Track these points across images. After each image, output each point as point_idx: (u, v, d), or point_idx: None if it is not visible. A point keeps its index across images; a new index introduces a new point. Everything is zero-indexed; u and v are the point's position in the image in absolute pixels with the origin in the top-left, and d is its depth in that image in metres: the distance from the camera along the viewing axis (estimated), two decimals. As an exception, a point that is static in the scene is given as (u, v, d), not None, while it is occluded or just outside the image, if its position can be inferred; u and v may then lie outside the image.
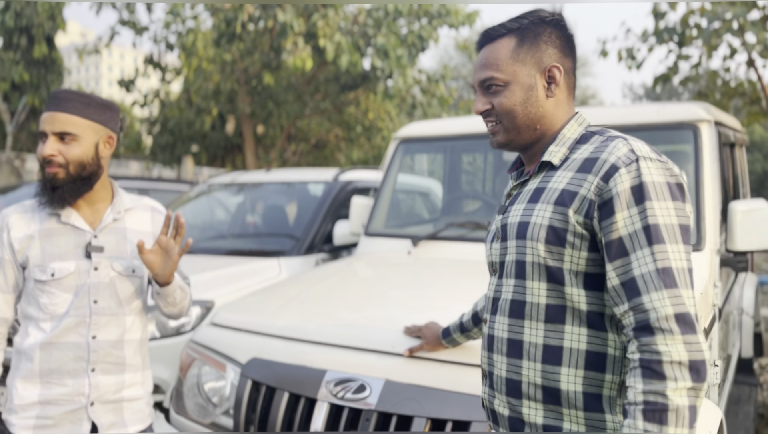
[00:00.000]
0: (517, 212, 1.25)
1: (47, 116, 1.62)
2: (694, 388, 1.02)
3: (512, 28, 1.26)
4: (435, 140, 3.39)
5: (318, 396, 1.84)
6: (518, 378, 1.22)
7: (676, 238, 1.09)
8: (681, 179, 1.15)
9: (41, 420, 1.62)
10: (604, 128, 1.26)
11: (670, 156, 2.92)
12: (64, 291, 1.63)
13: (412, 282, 2.46)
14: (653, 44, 7.06)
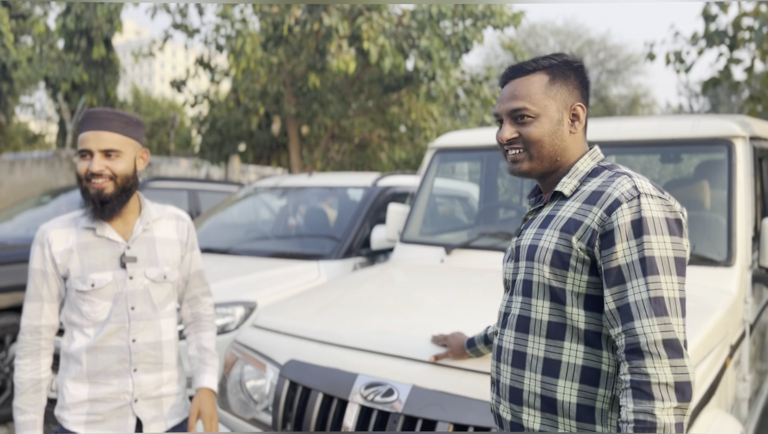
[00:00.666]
0: (529, 236, 1.37)
1: (91, 134, 1.72)
2: (680, 407, 1.12)
3: (545, 65, 1.37)
4: (470, 150, 3.48)
5: (349, 398, 1.97)
6: (520, 386, 1.34)
7: (671, 270, 1.18)
8: (680, 215, 1.24)
9: (91, 416, 1.77)
10: (614, 164, 1.37)
11: (703, 169, 2.94)
12: (104, 300, 1.77)
13: (444, 290, 2.57)
14: (703, 47, 6.92)
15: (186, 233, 1.95)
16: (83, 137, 1.74)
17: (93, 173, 1.72)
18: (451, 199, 4.55)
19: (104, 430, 1.77)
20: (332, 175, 4.92)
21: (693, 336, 1.99)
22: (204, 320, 2.04)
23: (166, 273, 1.86)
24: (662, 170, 3.38)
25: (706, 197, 2.87)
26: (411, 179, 4.75)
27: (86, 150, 1.73)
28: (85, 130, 1.74)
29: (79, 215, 1.84)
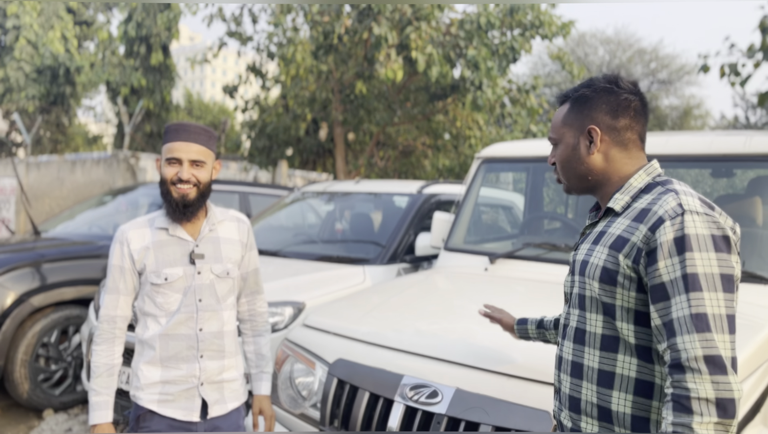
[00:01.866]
0: (583, 251, 1.44)
1: (182, 145, 1.92)
2: (721, 423, 1.14)
3: (570, 95, 1.47)
4: (517, 161, 3.52)
5: (395, 398, 2.06)
6: (578, 396, 1.40)
7: (716, 286, 1.20)
8: (728, 232, 1.26)
9: (163, 396, 1.97)
10: (669, 179, 1.39)
11: (756, 185, 2.91)
12: (175, 292, 1.97)
13: (486, 298, 2.63)
14: (760, 60, 6.75)
15: (246, 234, 2.14)
16: (173, 147, 1.93)
17: (181, 180, 1.92)
18: (495, 208, 4.59)
19: (174, 409, 1.97)
20: (378, 182, 5.03)
21: (739, 352, 2.00)
22: (259, 321, 2.23)
23: (229, 270, 2.05)
24: (714, 184, 3.35)
25: (758, 214, 2.84)
26: (456, 188, 4.81)
27: (176, 158, 1.93)
28: (175, 140, 1.94)
29: (154, 217, 2.03)
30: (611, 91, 1.42)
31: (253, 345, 2.23)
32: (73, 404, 4.55)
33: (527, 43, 9.35)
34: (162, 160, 1.98)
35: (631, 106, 1.42)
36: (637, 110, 1.42)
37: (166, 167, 1.96)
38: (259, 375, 2.20)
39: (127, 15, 13.36)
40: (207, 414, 2.01)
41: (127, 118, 14.38)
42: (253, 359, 2.22)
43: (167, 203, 1.97)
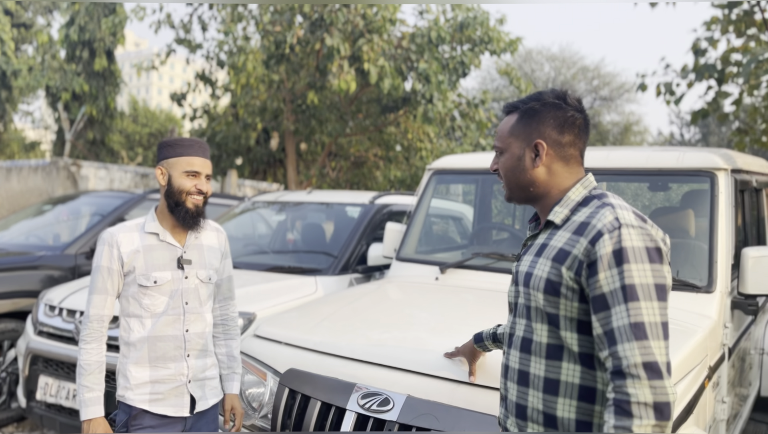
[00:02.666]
0: (527, 263, 1.49)
1: (201, 161, 2.08)
2: (658, 425, 1.21)
3: (518, 106, 1.52)
4: (466, 173, 3.61)
5: (347, 406, 2.07)
6: (525, 403, 1.45)
7: (651, 296, 1.27)
8: (660, 243, 1.34)
9: (154, 395, 2.06)
10: (604, 192, 1.46)
11: (688, 199, 3.08)
12: (163, 295, 2.07)
13: (438, 307, 2.68)
14: (692, 80, 7.13)
15: (224, 243, 2.27)
16: (193, 161, 2.07)
17: (201, 191, 2.08)
18: (446, 219, 4.68)
19: (165, 406, 2.06)
20: (330, 192, 5.04)
21: (673, 357, 2.11)
22: (231, 326, 2.33)
23: (211, 275, 2.19)
24: (652, 198, 3.52)
25: (690, 225, 3.01)
26: (407, 199, 4.88)
27: (196, 171, 2.07)
28: (193, 155, 2.08)
29: (142, 222, 2.12)
30: (559, 107, 1.48)
31: (225, 347, 2.31)
32: (7, 422, 4.34)
33: (476, 58, 9.59)
34: (175, 171, 2.06)
35: (576, 123, 1.48)
36: (581, 127, 1.49)
37: (184, 178, 2.06)
38: (230, 375, 2.28)
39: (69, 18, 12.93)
40: (194, 409, 2.11)
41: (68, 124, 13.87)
42: (225, 361, 2.29)
43: (179, 212, 2.07)
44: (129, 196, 5.37)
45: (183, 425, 2.10)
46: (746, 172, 3.20)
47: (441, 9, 9.77)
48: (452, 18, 9.41)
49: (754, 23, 6.74)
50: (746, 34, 7.06)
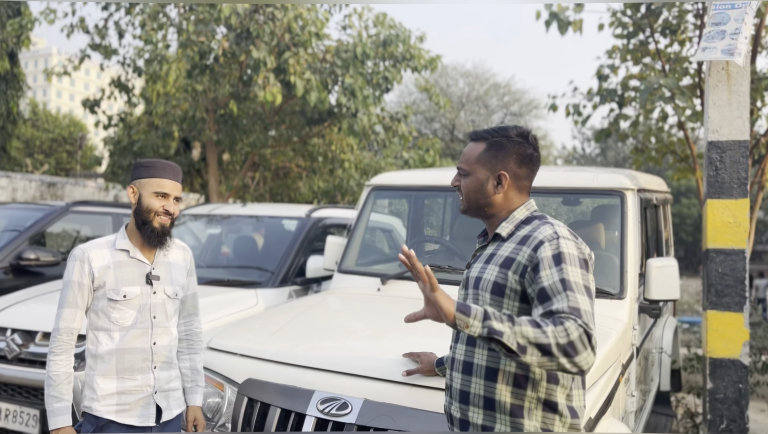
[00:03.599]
0: (477, 269, 1.75)
1: (170, 183, 2.17)
2: (586, 334, 1.45)
3: (487, 137, 1.77)
4: (403, 189, 3.83)
5: (307, 412, 2.20)
6: (468, 390, 1.69)
7: (582, 291, 1.54)
8: (587, 256, 1.63)
9: (121, 406, 2.13)
10: (544, 214, 1.75)
11: (598, 214, 3.45)
12: (131, 309, 2.15)
13: (384, 316, 2.86)
14: (597, 102, 7.77)
15: (189, 262, 2.36)
16: (164, 183, 2.17)
17: (168, 212, 2.17)
18: (379, 232, 4.88)
19: (132, 417, 2.13)
20: (265, 205, 5.11)
21: (594, 355, 2.40)
22: (195, 341, 2.41)
23: (177, 292, 2.26)
24: (569, 212, 3.89)
25: (601, 238, 3.37)
26: (342, 212, 5.04)
27: (165, 193, 2.17)
28: (164, 177, 2.17)
29: (113, 239, 2.19)
30: (522, 144, 1.76)
31: (189, 361, 2.39)
32: None
33: (399, 74, 9.93)
34: (146, 191, 2.16)
35: (533, 160, 1.77)
36: (535, 163, 1.79)
37: (153, 198, 2.16)
38: (194, 388, 2.37)
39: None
40: (160, 419, 2.19)
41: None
42: (189, 374, 2.37)
43: (146, 230, 2.16)
44: (50, 208, 5.18)
45: None
46: (648, 191, 3.62)
47: (363, 25, 10.05)
48: (375, 34, 9.70)
49: (648, 53, 7.45)
50: (642, 62, 7.78)
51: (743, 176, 3.10)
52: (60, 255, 4.88)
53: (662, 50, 7.06)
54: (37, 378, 3.21)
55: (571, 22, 7.01)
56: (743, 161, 3.11)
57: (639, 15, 7.23)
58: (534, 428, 1.61)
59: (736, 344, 3.05)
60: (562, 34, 7.19)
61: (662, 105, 7.31)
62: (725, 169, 3.12)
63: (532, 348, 1.43)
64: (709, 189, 3.20)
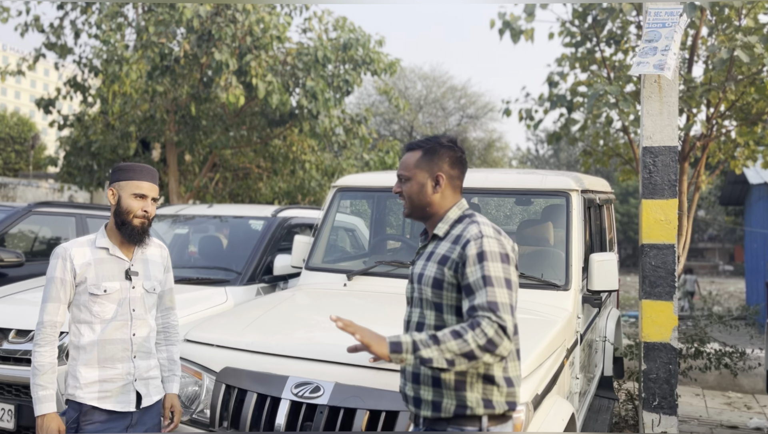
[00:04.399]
0: (419, 266, 2.00)
1: (148, 185, 2.33)
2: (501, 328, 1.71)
3: (422, 145, 2.01)
4: (367, 190, 4.05)
5: (282, 395, 2.40)
6: (418, 371, 1.93)
7: (501, 284, 1.79)
8: (509, 251, 1.87)
9: (102, 393, 2.28)
10: (473, 213, 1.98)
11: (547, 213, 3.75)
12: (111, 302, 2.31)
13: (351, 308, 3.08)
14: (548, 108, 8.16)
15: (166, 259, 2.52)
16: (142, 185, 2.32)
17: (146, 212, 2.32)
18: (342, 231, 5.08)
19: (113, 403, 2.28)
20: (231, 206, 5.25)
21: (540, 341, 2.68)
22: (172, 333, 2.56)
23: (155, 286, 2.42)
24: (523, 211, 4.19)
25: (550, 235, 3.67)
26: (307, 212, 5.22)
27: (143, 194, 2.33)
28: (141, 179, 2.33)
29: (93, 238, 2.34)
30: (452, 149, 2.02)
31: (166, 352, 2.55)
32: None
33: (358, 77, 10.15)
34: (125, 193, 2.32)
35: (462, 161, 2.03)
36: (464, 164, 2.04)
37: (132, 199, 2.31)
38: (171, 377, 2.52)
39: None
40: (140, 404, 2.35)
41: None
42: (166, 364, 2.53)
43: (125, 229, 2.32)
44: (13, 209, 5.19)
45: (130, 419, 2.32)
46: (592, 191, 3.95)
47: (323, 28, 10.23)
48: (335, 38, 9.88)
49: (595, 61, 7.87)
50: (589, 69, 8.21)
51: (673, 178, 3.44)
52: (23, 256, 4.90)
53: (607, 58, 7.48)
54: (11, 374, 3.30)
55: (523, 30, 7.35)
56: (673, 164, 3.45)
57: (586, 25, 7.64)
58: (475, 399, 1.84)
59: (666, 329, 3.39)
60: (514, 43, 7.54)
61: (608, 111, 7.74)
62: (657, 172, 3.45)
63: (459, 358, 1.71)
64: (644, 190, 3.53)
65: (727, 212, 20.69)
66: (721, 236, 35.59)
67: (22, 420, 3.26)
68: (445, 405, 1.86)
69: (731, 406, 5.74)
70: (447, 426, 1.87)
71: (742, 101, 6.65)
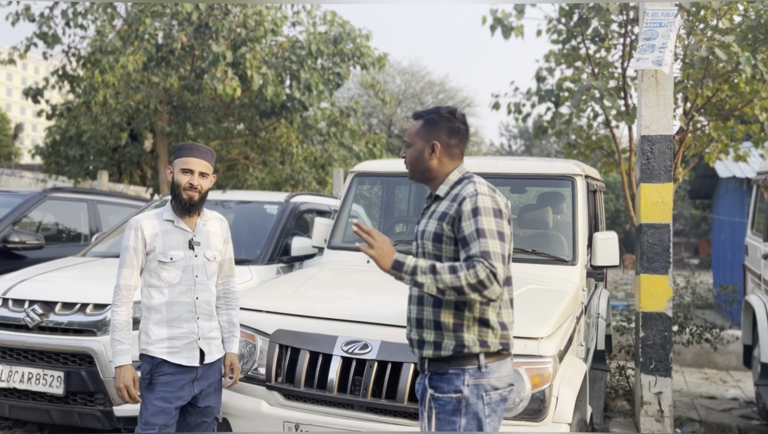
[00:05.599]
0: (423, 224, 2.21)
1: (195, 161, 2.56)
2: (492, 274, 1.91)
3: (424, 115, 2.24)
4: (382, 176, 4.32)
5: (333, 352, 2.66)
6: (421, 317, 2.13)
7: (494, 236, 1.99)
8: (502, 207, 2.07)
9: (171, 349, 2.55)
10: (472, 175, 2.19)
11: (553, 198, 4.07)
12: (177, 269, 2.57)
13: (379, 279, 3.33)
14: (535, 102, 8.50)
15: (226, 230, 2.76)
16: (188, 160, 2.56)
17: (192, 186, 2.54)
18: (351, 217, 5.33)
19: (180, 358, 2.55)
20: (243, 192, 5.46)
21: (558, 305, 2.99)
22: (232, 298, 2.80)
23: (215, 255, 2.66)
24: (531, 195, 4.51)
25: (549, 218, 3.99)
26: (314, 198, 5.47)
27: (189, 169, 2.56)
28: (188, 156, 2.57)
29: (161, 211, 2.58)
30: (450, 120, 2.23)
31: (227, 315, 2.78)
32: None
33: (347, 71, 10.38)
34: (176, 169, 2.58)
35: (460, 132, 2.23)
36: (462, 134, 2.25)
37: (180, 175, 2.56)
38: (230, 338, 2.77)
39: None
40: (203, 361, 2.60)
41: None
42: (226, 326, 2.77)
43: (177, 202, 2.55)
44: (29, 195, 5.32)
45: (195, 374, 2.58)
46: (591, 178, 4.28)
47: (311, 21, 10.43)
48: (325, 32, 10.08)
49: (580, 57, 8.24)
50: (574, 66, 8.59)
51: (668, 164, 3.79)
52: (43, 239, 5.04)
53: (592, 55, 7.85)
54: (60, 343, 3.48)
55: (513, 27, 7.68)
56: (668, 151, 3.80)
57: (572, 23, 8.00)
58: (472, 339, 2.04)
59: (662, 300, 3.74)
60: (505, 39, 7.86)
61: (593, 105, 8.13)
62: (654, 158, 3.80)
63: (450, 290, 1.93)
64: (642, 175, 3.88)
65: (695, 206, 21.47)
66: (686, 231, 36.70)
67: (70, 386, 3.45)
68: (445, 345, 2.05)
69: (708, 381, 6.19)
70: (448, 368, 2.05)
71: (717, 98, 7.08)
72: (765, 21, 5.29)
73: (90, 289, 3.74)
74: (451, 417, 2.03)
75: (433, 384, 2.09)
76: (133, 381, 2.48)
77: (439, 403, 2.06)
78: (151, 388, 2.50)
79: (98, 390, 3.46)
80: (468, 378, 2.04)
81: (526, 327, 2.61)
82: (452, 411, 2.04)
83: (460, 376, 2.05)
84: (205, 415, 2.64)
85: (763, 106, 6.91)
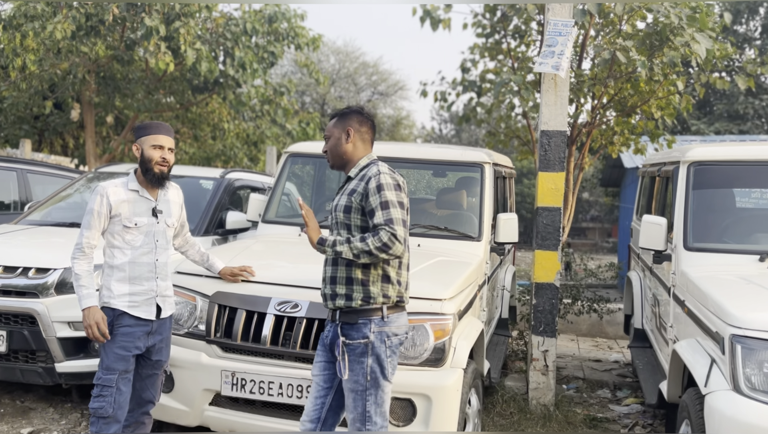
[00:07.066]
0: (337, 199, 2.69)
1: (165, 138, 2.92)
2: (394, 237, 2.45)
3: (337, 113, 2.74)
4: (315, 157, 4.71)
5: (267, 311, 3.06)
6: (335, 274, 2.60)
7: (395, 205, 2.51)
8: (400, 182, 2.60)
9: (131, 303, 2.90)
10: (377, 160, 2.68)
11: (466, 182, 4.60)
12: (141, 234, 2.91)
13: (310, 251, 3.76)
14: (460, 91, 9.05)
15: (181, 197, 3.11)
16: (158, 138, 2.91)
17: (165, 160, 2.82)
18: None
19: (139, 311, 2.88)
20: (180, 166, 5.68)
21: (461, 274, 3.50)
22: (192, 242, 3.23)
23: (174, 222, 3.00)
24: (446, 180, 5.02)
25: (464, 201, 4.52)
26: (248, 175, 5.77)
27: (160, 145, 2.91)
28: (158, 133, 2.91)
29: (126, 180, 2.88)
30: (360, 113, 2.74)
31: (196, 254, 3.27)
32: None
33: (282, 50, 10.56)
34: (146, 145, 2.90)
35: (368, 122, 2.74)
36: (370, 123, 2.75)
37: (152, 150, 2.89)
38: (213, 260, 3.26)
39: None
40: (159, 315, 2.91)
41: None
42: (199, 258, 3.27)
43: (149, 175, 2.85)
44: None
45: (150, 327, 2.93)
46: (499, 165, 4.85)
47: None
48: (260, 9, 10.20)
49: (501, 51, 8.84)
50: (497, 59, 9.19)
51: (562, 156, 4.39)
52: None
53: (512, 50, 8.45)
54: (3, 304, 3.69)
55: (441, 20, 8.17)
56: (563, 145, 4.40)
57: (495, 19, 8.56)
58: (377, 292, 2.52)
59: (552, 272, 4.36)
60: (433, 30, 8.34)
61: (511, 97, 8.77)
62: (551, 150, 4.38)
63: (363, 254, 2.46)
64: (540, 165, 4.46)
65: (606, 193, 23.04)
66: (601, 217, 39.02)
67: (13, 344, 3.67)
68: (355, 296, 2.53)
69: (598, 347, 7.02)
70: (358, 319, 2.52)
71: (620, 95, 7.86)
72: (661, 28, 6.00)
73: (32, 254, 3.94)
74: (360, 358, 2.54)
75: (344, 333, 2.57)
76: (101, 319, 2.78)
77: (350, 348, 2.55)
78: (113, 338, 2.82)
79: (40, 348, 3.70)
80: (373, 326, 2.54)
81: (432, 289, 3.11)
82: (360, 353, 2.54)
83: (367, 325, 2.54)
84: (156, 368, 3.00)
85: (659, 105, 7.74)
